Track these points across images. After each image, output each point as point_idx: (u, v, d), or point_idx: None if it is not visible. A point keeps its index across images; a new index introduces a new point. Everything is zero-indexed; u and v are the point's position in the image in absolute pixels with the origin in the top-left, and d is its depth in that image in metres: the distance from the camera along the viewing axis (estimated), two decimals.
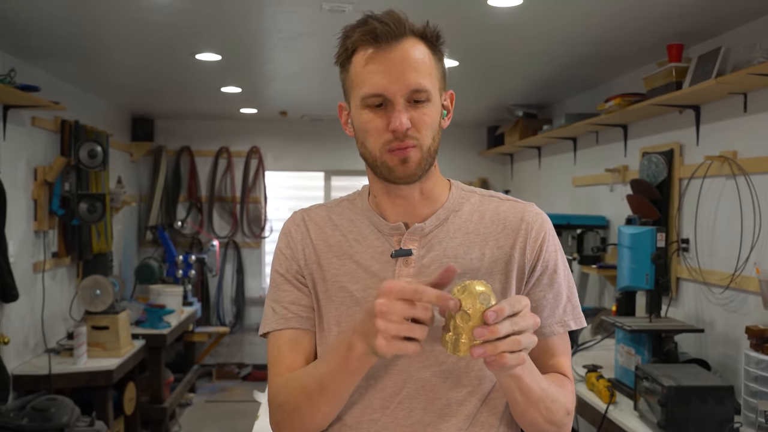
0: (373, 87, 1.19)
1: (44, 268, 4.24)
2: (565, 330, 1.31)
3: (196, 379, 6.31)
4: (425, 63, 1.21)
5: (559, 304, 1.31)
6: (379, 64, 1.19)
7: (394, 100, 1.19)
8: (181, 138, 6.72)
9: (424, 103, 1.21)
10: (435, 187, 1.32)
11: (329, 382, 1.17)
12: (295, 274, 1.34)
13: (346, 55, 1.25)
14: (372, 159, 1.24)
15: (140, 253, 6.52)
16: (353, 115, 1.26)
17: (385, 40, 1.19)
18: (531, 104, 5.47)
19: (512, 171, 6.64)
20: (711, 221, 3.25)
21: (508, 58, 3.87)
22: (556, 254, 1.33)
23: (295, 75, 4.52)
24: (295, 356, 1.30)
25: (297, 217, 1.40)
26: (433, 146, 1.24)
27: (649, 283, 3.08)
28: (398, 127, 1.18)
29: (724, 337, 3.12)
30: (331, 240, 1.33)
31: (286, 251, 1.36)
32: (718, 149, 3.17)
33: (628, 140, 4.14)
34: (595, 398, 2.97)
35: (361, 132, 1.24)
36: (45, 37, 3.50)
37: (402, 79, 1.18)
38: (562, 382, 1.29)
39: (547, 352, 1.30)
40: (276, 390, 1.29)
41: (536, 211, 1.34)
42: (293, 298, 1.33)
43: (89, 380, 3.97)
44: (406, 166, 1.22)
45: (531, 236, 1.30)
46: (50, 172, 4.30)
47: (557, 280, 1.31)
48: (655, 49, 3.43)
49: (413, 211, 1.30)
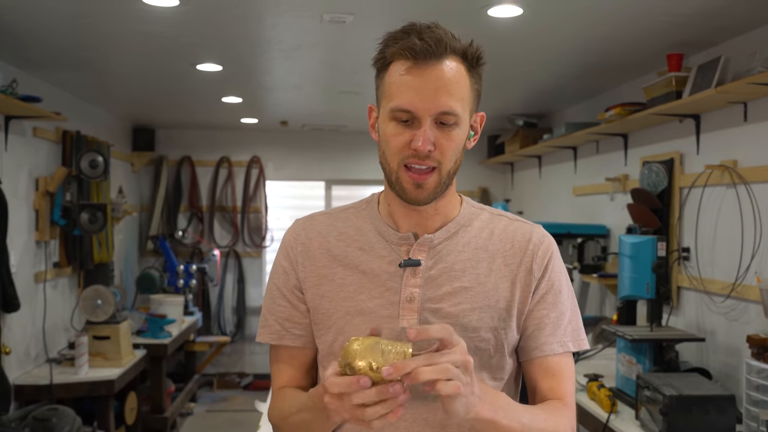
0: (403, 102, 1.19)
1: (45, 278, 4.24)
2: (564, 350, 1.31)
3: (197, 389, 6.30)
4: (459, 86, 1.20)
5: (560, 324, 1.31)
6: (413, 81, 1.19)
7: (422, 119, 1.19)
8: (182, 148, 6.73)
9: (452, 127, 1.21)
10: (449, 203, 1.33)
11: (311, 423, 1.22)
12: (291, 289, 1.34)
13: (383, 63, 1.24)
14: (389, 171, 1.25)
15: (141, 263, 6.52)
16: (380, 122, 1.26)
17: (423, 58, 1.18)
18: (531, 114, 5.48)
19: (513, 180, 6.65)
20: (712, 230, 3.25)
21: (508, 68, 3.88)
22: (561, 275, 1.34)
23: (296, 85, 4.53)
24: (292, 372, 1.36)
25: (297, 227, 1.39)
26: (454, 168, 1.25)
27: (650, 292, 3.08)
28: (420, 147, 1.18)
29: (725, 346, 3.12)
30: (336, 249, 1.33)
31: (284, 263, 1.36)
32: (718, 158, 3.17)
33: (628, 149, 4.14)
34: (597, 408, 2.96)
35: (384, 142, 1.24)
36: (46, 48, 3.51)
37: (433, 100, 1.18)
38: (553, 411, 1.27)
39: (546, 373, 1.31)
40: (272, 407, 1.35)
41: (543, 232, 1.36)
42: (287, 315, 1.35)
43: (90, 390, 3.96)
44: (420, 192, 1.23)
45: (538, 256, 1.32)
46: (52, 182, 4.31)
47: (561, 300, 1.32)
48: (655, 59, 3.44)
49: (425, 224, 1.31)
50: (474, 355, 1.21)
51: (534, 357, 1.31)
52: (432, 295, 1.27)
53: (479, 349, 1.26)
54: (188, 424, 5.66)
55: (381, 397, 1.03)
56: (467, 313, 1.27)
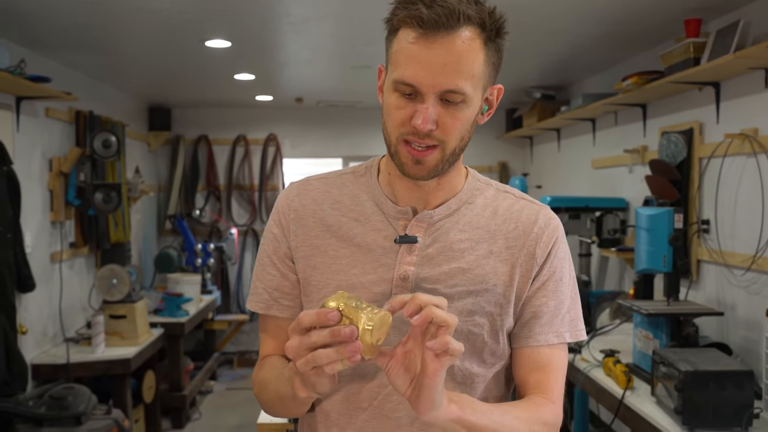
0: (406, 75, 1.10)
1: (62, 258, 4.25)
2: (560, 341, 1.24)
3: (217, 367, 6.34)
4: (470, 61, 1.10)
5: (559, 313, 1.25)
6: (419, 52, 1.09)
7: (425, 95, 1.10)
8: (198, 127, 6.72)
9: (458, 105, 1.12)
10: (453, 178, 1.25)
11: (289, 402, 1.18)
12: (282, 258, 1.29)
13: (391, 27, 1.14)
14: (388, 143, 1.18)
15: (160, 243, 6.55)
16: (385, 89, 1.17)
17: (432, 29, 1.08)
18: (549, 86, 5.37)
19: (532, 154, 6.55)
20: (732, 201, 3.16)
21: (523, 38, 3.79)
22: (564, 262, 1.27)
23: (308, 61, 4.47)
24: (277, 344, 1.30)
25: (291, 192, 1.32)
26: (460, 146, 1.17)
27: (666, 265, 3.00)
28: (420, 126, 1.10)
29: (746, 321, 3.04)
30: (330, 219, 1.26)
31: (275, 230, 1.30)
32: (738, 127, 3.07)
33: (647, 120, 4.04)
34: (612, 384, 2.91)
35: (386, 112, 1.16)
36: (53, 28, 3.49)
37: (439, 76, 1.08)
38: (531, 407, 1.20)
39: (534, 364, 1.24)
40: (254, 376, 1.31)
41: (550, 215, 1.28)
42: (276, 284, 1.29)
43: (107, 369, 3.99)
44: (419, 168, 1.16)
45: (542, 240, 1.24)
46: (65, 162, 4.31)
47: (561, 288, 1.25)
48: (672, 25, 3.34)
49: (426, 199, 1.24)
50: (465, 341, 1.17)
51: (526, 346, 1.25)
52: (427, 274, 1.21)
53: (472, 333, 1.20)
54: (208, 402, 5.70)
55: (333, 339, 0.96)
56: (463, 296, 1.20)
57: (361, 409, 1.22)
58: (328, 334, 0.97)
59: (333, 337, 0.97)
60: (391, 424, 1.21)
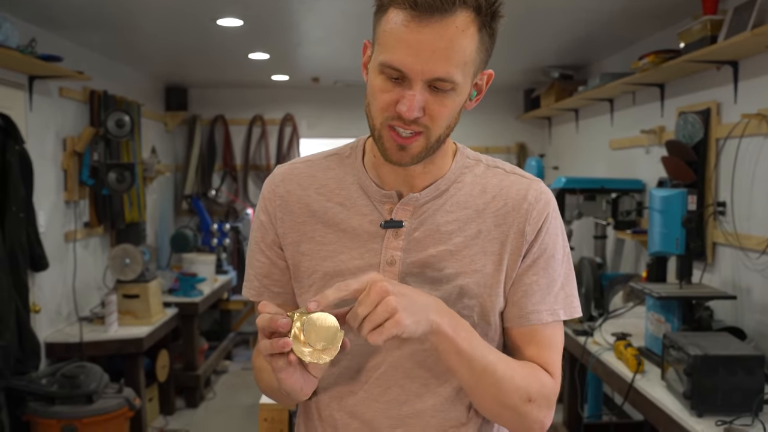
0: (395, 59, 1.05)
1: (75, 237, 4.28)
2: (554, 318, 1.20)
3: (232, 347, 6.37)
4: (463, 48, 1.06)
5: (551, 290, 1.21)
6: (409, 36, 1.04)
7: (413, 81, 1.06)
8: (215, 107, 6.71)
9: (447, 93, 1.08)
10: (440, 161, 1.21)
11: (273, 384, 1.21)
12: (270, 245, 1.27)
13: (381, 3, 1.10)
14: (372, 126, 1.14)
15: (177, 222, 6.57)
16: (370, 69, 1.13)
17: (425, 12, 1.03)
18: (566, 65, 5.29)
19: (550, 135, 6.47)
20: (748, 183, 3.09)
21: (539, 15, 3.71)
22: (557, 238, 1.22)
23: (322, 39, 4.44)
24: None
25: (276, 178, 1.29)
26: (445, 134, 1.14)
27: (679, 248, 2.94)
28: (406, 113, 1.07)
29: (762, 305, 2.98)
30: (315, 204, 1.24)
31: (262, 217, 1.29)
32: (756, 107, 2.99)
33: (665, 100, 3.96)
34: (623, 367, 2.87)
35: (371, 94, 1.12)
36: (66, 6, 3.48)
37: (429, 63, 1.04)
38: (531, 368, 1.18)
39: (531, 341, 1.21)
40: (253, 361, 1.34)
41: (541, 189, 1.23)
42: (266, 272, 1.29)
43: (120, 348, 4.02)
44: (402, 154, 1.12)
45: (532, 217, 1.20)
46: (79, 142, 4.32)
47: (553, 265, 1.21)
48: (690, 2, 3.25)
49: (411, 182, 1.20)
50: None
51: (519, 326, 1.21)
52: (414, 258, 1.18)
53: (463, 316, 1.16)
54: (222, 381, 5.73)
55: (273, 350, 1.04)
56: (452, 278, 1.18)
57: (351, 392, 1.22)
58: (269, 345, 1.05)
59: (273, 347, 1.05)
60: (381, 407, 1.21)
